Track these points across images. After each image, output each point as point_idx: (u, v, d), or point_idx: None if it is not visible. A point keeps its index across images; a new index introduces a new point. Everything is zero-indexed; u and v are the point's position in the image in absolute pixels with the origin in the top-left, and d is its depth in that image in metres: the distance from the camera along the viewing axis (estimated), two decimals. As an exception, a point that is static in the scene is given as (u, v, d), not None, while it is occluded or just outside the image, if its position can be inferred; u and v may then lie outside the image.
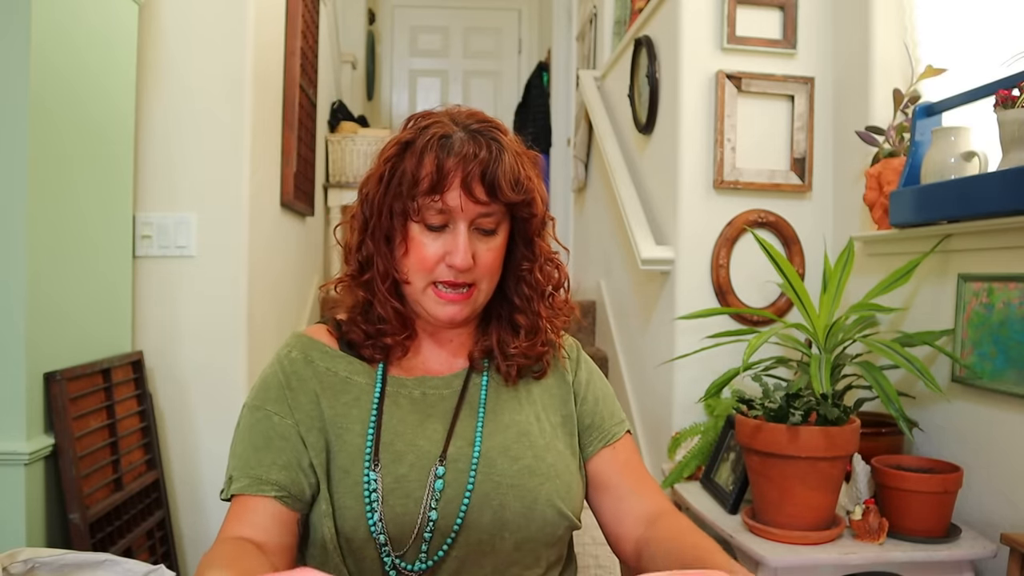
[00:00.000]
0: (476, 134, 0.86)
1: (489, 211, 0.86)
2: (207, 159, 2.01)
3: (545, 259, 0.94)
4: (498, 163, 0.84)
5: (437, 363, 0.95)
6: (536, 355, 0.93)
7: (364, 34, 5.03)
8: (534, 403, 0.93)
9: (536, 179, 0.90)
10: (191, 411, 2.01)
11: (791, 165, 2.17)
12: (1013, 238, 1.48)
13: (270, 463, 0.84)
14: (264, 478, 0.83)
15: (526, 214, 0.89)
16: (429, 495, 0.83)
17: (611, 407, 0.98)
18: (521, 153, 0.89)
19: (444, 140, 0.85)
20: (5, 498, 1.42)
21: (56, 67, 1.52)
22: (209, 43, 2.01)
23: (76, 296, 1.64)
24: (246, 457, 0.85)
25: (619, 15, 3.15)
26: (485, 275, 0.88)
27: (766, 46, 2.15)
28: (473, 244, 0.86)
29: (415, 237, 0.87)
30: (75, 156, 1.62)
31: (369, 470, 0.84)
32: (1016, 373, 1.46)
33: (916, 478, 1.47)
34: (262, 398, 0.89)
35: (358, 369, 0.91)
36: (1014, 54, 1.55)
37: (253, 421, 0.88)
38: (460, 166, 0.83)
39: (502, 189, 0.84)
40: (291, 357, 0.91)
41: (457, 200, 0.84)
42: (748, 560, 1.51)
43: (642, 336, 2.56)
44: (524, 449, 0.88)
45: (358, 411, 0.88)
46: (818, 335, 1.66)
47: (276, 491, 0.83)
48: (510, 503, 0.85)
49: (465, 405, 0.91)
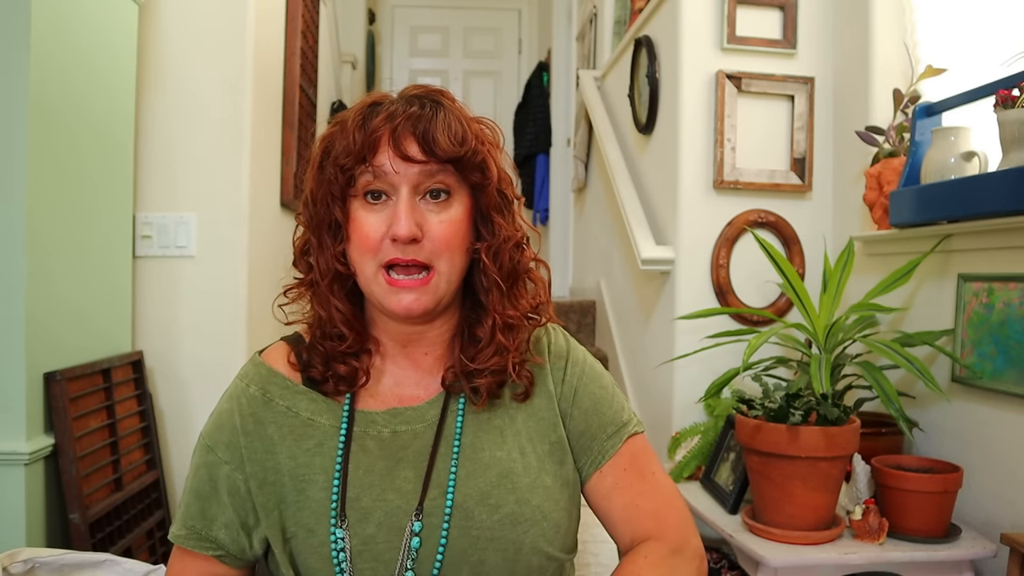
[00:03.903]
0: (412, 99, 0.78)
1: (429, 170, 0.76)
2: (207, 159, 2.01)
3: (504, 240, 0.81)
4: (433, 119, 0.76)
5: (411, 387, 0.84)
6: (502, 367, 0.81)
7: (364, 34, 5.02)
8: (518, 433, 0.82)
9: (492, 148, 0.81)
10: (191, 411, 2.01)
11: (791, 165, 2.17)
12: (1013, 238, 1.49)
13: (212, 518, 0.81)
14: (204, 535, 0.81)
15: (478, 180, 0.79)
16: (405, 554, 0.76)
17: (603, 415, 0.86)
18: (469, 118, 0.80)
19: (373, 107, 0.78)
20: (5, 498, 1.42)
21: (56, 67, 1.52)
22: (209, 43, 2.01)
23: (76, 296, 1.64)
24: (191, 507, 0.82)
25: (619, 15, 3.15)
26: (441, 252, 0.77)
27: (766, 46, 2.15)
28: (421, 215, 0.76)
29: (356, 216, 0.78)
30: (75, 156, 1.62)
31: (336, 527, 0.76)
32: (1016, 373, 1.46)
33: (916, 478, 1.47)
34: (215, 439, 0.82)
35: (321, 408, 0.82)
36: (1014, 54, 1.55)
37: (204, 463, 0.82)
38: (387, 123, 0.75)
39: (438, 142, 0.75)
40: (249, 394, 0.83)
41: (387, 159, 0.75)
42: (748, 560, 1.51)
43: (642, 336, 2.56)
44: (506, 494, 0.78)
45: (321, 460, 0.79)
46: (818, 335, 1.66)
47: (214, 551, 0.81)
48: (489, 558, 0.76)
49: (442, 442, 0.80)
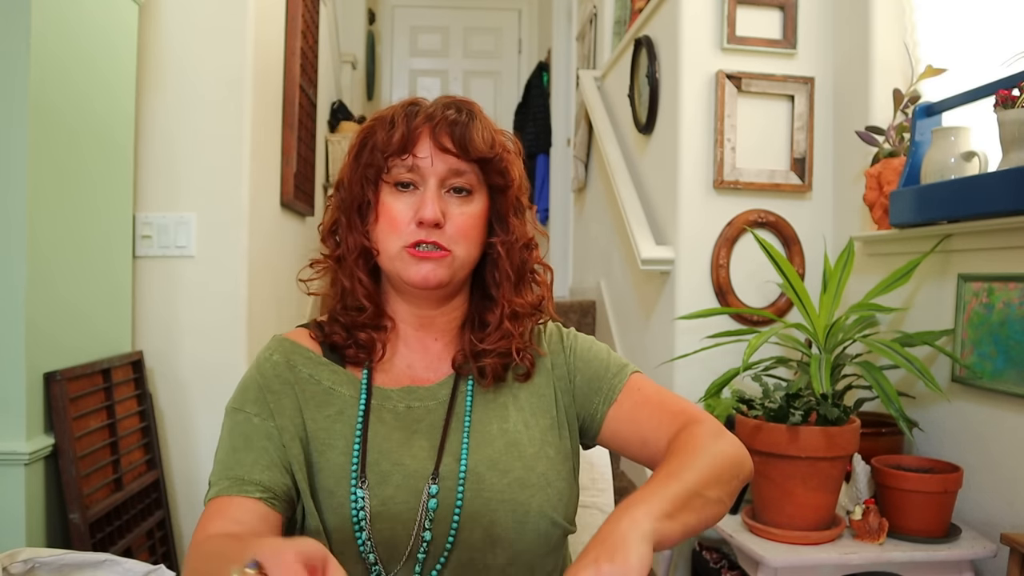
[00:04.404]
0: (449, 104, 0.87)
1: (460, 168, 0.85)
2: (207, 159, 2.01)
3: (519, 242, 0.90)
4: (469, 123, 0.85)
5: (424, 368, 0.91)
6: (504, 349, 0.89)
7: (364, 34, 5.02)
8: (521, 409, 0.90)
9: (515, 157, 0.90)
10: (191, 411, 2.01)
11: (791, 165, 2.17)
12: (1013, 238, 1.49)
13: (251, 463, 0.81)
14: (247, 478, 0.79)
15: (500, 183, 0.88)
16: (423, 515, 0.81)
17: (605, 364, 0.94)
18: (497, 129, 0.89)
19: (413, 107, 0.87)
20: (5, 498, 1.42)
21: (56, 67, 1.52)
22: (209, 43, 2.01)
23: (76, 296, 1.64)
24: (226, 461, 0.82)
25: (619, 15, 3.15)
26: (459, 239, 0.85)
27: (766, 46, 2.15)
28: (445, 204, 0.85)
29: (385, 201, 0.86)
30: (75, 156, 1.62)
31: (356, 487, 0.81)
32: (1016, 373, 1.46)
33: (916, 478, 1.47)
34: (241, 400, 0.86)
35: (342, 379, 0.88)
36: (1014, 54, 1.55)
37: (232, 424, 0.85)
38: (428, 122, 0.84)
39: (473, 141, 0.84)
40: (273, 360, 0.88)
41: (427, 152, 0.84)
42: (748, 560, 1.51)
43: (642, 336, 2.56)
44: (513, 460, 0.85)
45: (341, 426, 0.85)
46: (818, 335, 1.66)
47: (260, 492, 0.79)
48: (501, 519, 0.82)
49: (453, 418, 0.88)
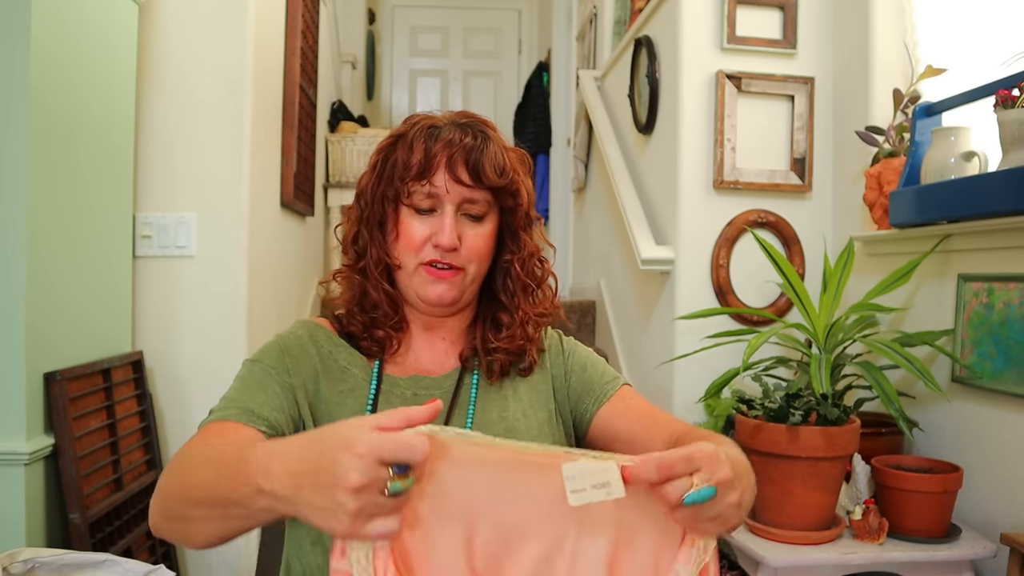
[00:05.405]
0: (463, 125, 0.91)
1: (474, 196, 0.90)
2: (207, 159, 2.01)
3: (529, 254, 0.97)
4: (483, 150, 0.89)
5: (430, 362, 0.97)
6: (516, 349, 0.95)
7: (364, 34, 5.02)
8: (520, 400, 0.95)
9: (523, 175, 0.94)
10: (191, 411, 2.01)
11: (791, 165, 2.17)
12: (1013, 238, 1.48)
13: (263, 402, 0.82)
14: (256, 412, 0.80)
15: (511, 204, 0.93)
16: None
17: (600, 371, 0.99)
18: (507, 148, 0.94)
19: (432, 129, 0.91)
20: (5, 498, 1.42)
21: (56, 67, 1.52)
22: (209, 43, 2.01)
23: (76, 296, 1.64)
24: (236, 397, 0.83)
25: (619, 15, 3.15)
26: (473, 259, 0.91)
27: (766, 46, 2.14)
28: (460, 227, 0.90)
29: (405, 221, 0.91)
30: (75, 156, 1.62)
31: None
32: (1016, 373, 1.46)
33: (916, 478, 1.47)
34: (261, 355, 0.90)
35: (356, 362, 0.93)
36: (1014, 54, 1.55)
37: (248, 371, 0.88)
38: (446, 151, 0.88)
39: (486, 172, 0.88)
40: (297, 334, 0.93)
41: (443, 182, 0.88)
42: (748, 560, 1.51)
43: (642, 336, 2.56)
44: None
45: (353, 402, 0.90)
46: (818, 335, 1.66)
47: (267, 427, 0.80)
48: None
49: (457, 407, 0.93)
